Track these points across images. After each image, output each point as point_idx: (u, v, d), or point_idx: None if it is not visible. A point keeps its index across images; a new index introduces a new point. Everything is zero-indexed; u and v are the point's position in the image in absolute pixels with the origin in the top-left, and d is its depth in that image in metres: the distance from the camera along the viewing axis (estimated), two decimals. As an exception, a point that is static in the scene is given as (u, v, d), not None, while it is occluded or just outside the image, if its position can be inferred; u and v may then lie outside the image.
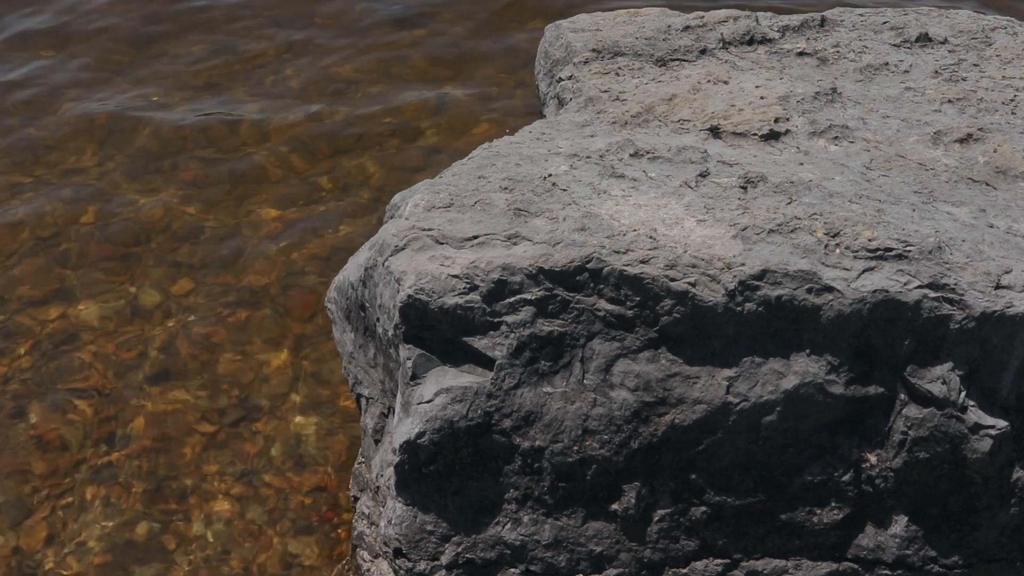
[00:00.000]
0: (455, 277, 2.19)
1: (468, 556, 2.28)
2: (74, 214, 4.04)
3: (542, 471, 2.23)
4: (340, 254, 3.80)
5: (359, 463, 2.72)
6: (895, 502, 2.24)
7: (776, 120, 2.70)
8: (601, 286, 2.18)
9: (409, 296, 2.18)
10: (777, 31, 3.21)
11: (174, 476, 3.05)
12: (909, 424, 2.18)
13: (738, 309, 2.15)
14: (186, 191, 4.18)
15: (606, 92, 2.95)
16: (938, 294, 2.13)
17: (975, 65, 3.02)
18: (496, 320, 2.19)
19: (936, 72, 2.98)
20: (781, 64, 3.05)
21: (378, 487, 2.50)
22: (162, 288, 3.70)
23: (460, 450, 2.21)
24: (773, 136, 2.66)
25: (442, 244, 2.27)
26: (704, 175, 2.43)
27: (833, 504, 2.25)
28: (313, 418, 3.23)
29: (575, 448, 2.21)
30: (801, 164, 2.53)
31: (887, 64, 3.03)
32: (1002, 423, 2.17)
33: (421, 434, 2.19)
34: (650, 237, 2.23)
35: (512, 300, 2.18)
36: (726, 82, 2.94)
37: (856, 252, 2.20)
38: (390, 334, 2.29)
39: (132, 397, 3.29)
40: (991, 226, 2.34)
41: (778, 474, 2.24)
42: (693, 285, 2.15)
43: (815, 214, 2.28)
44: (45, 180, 4.25)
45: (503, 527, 2.27)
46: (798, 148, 2.62)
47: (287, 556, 2.84)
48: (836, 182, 2.43)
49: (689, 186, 2.39)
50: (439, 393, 2.19)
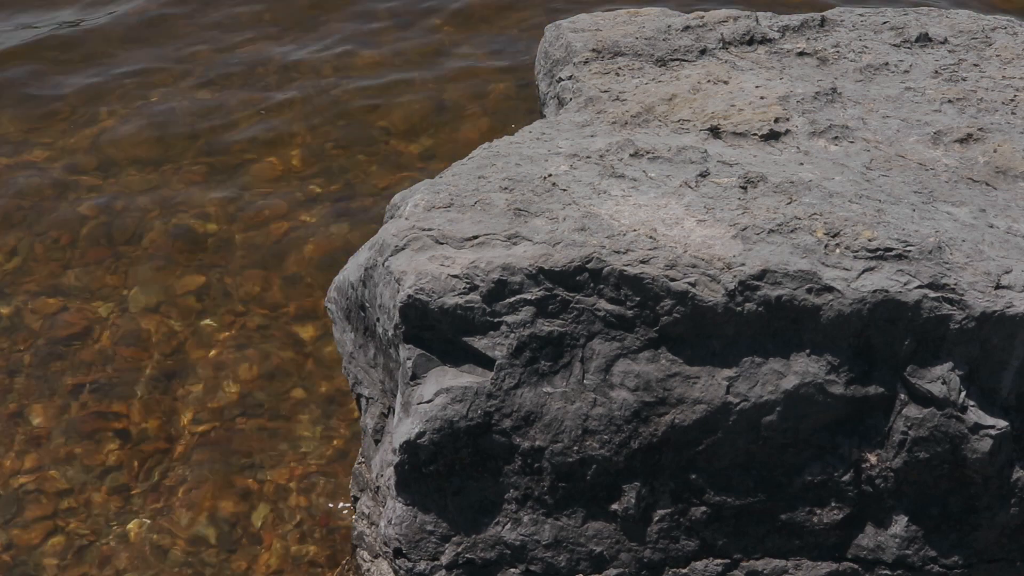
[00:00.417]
0: (455, 277, 2.19)
1: (468, 556, 2.28)
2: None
3: (542, 471, 2.23)
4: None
5: (359, 463, 2.72)
6: (895, 502, 2.24)
7: (776, 120, 2.70)
8: (601, 286, 2.18)
9: (409, 296, 2.18)
10: (777, 31, 3.21)
11: (173, 474, 3.05)
12: (909, 424, 2.18)
13: (738, 309, 2.15)
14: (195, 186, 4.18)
15: (606, 92, 2.95)
16: (938, 294, 2.13)
17: (975, 65, 3.02)
18: (496, 320, 2.19)
19: (936, 72, 2.98)
20: (781, 64, 3.05)
21: (378, 487, 2.50)
22: (163, 286, 3.70)
23: (460, 450, 2.21)
24: (773, 136, 2.66)
25: (442, 244, 2.27)
26: (704, 175, 2.43)
27: (833, 504, 2.24)
28: (313, 417, 3.22)
29: (575, 448, 2.21)
30: (801, 164, 2.53)
31: (887, 64, 3.03)
32: (1002, 423, 2.17)
33: (421, 434, 2.19)
34: (650, 237, 2.23)
35: (512, 300, 2.18)
36: (726, 82, 2.94)
37: (856, 252, 2.19)
38: (390, 334, 2.29)
39: (133, 394, 3.29)
40: (991, 226, 2.34)
41: (778, 474, 2.24)
42: (693, 285, 2.15)
43: (815, 214, 2.28)
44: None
45: (503, 527, 2.27)
46: (798, 148, 2.62)
47: (287, 556, 2.84)
48: (836, 182, 2.43)
49: (689, 186, 2.39)
50: (439, 393, 2.19)
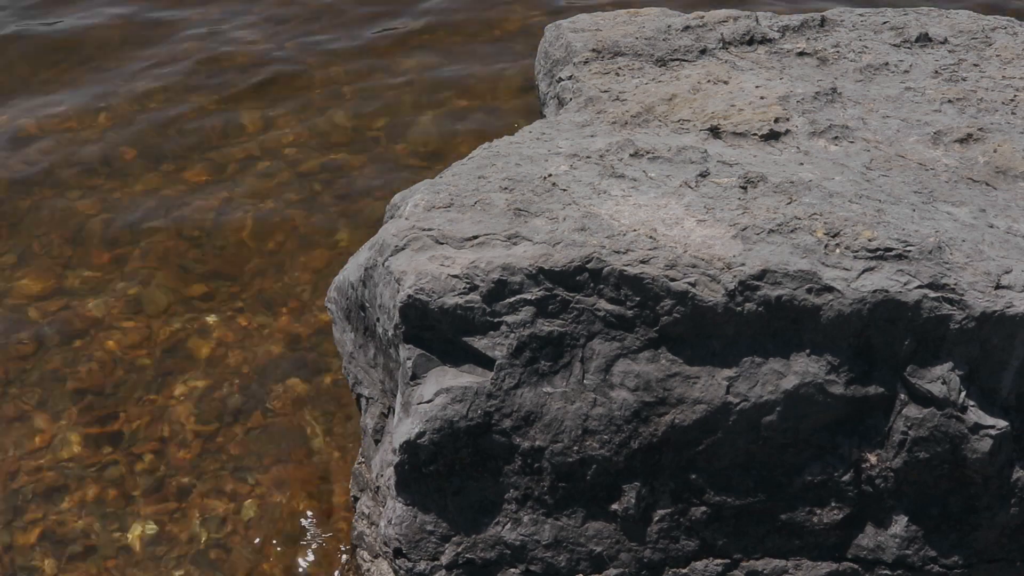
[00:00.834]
0: (455, 277, 2.19)
1: (468, 556, 2.28)
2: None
3: (542, 471, 2.23)
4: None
5: (359, 463, 2.72)
6: (895, 502, 2.24)
7: (776, 120, 2.70)
8: (601, 286, 2.18)
9: (409, 296, 2.18)
10: (777, 31, 3.21)
11: (172, 475, 3.05)
12: (909, 424, 2.18)
13: (738, 309, 2.15)
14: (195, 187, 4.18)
15: (606, 92, 2.95)
16: (938, 294, 2.13)
17: (975, 65, 3.02)
18: (496, 320, 2.19)
19: (936, 72, 2.98)
20: (781, 64, 3.05)
21: (378, 487, 2.50)
22: (163, 285, 3.70)
23: (460, 450, 2.21)
24: (773, 136, 2.66)
25: (442, 244, 2.27)
26: (704, 175, 2.43)
27: (833, 504, 2.24)
28: (313, 417, 3.22)
29: (575, 448, 2.21)
30: (801, 164, 2.53)
31: (887, 64, 3.03)
32: (1002, 423, 2.17)
33: (421, 434, 2.19)
34: (650, 237, 2.23)
35: (512, 300, 2.18)
36: (726, 82, 2.94)
37: (856, 252, 2.19)
38: (390, 334, 2.29)
39: (133, 393, 3.29)
40: (991, 226, 2.34)
41: (778, 474, 2.24)
42: (693, 285, 2.15)
43: (815, 214, 2.28)
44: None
45: (503, 527, 2.27)
46: (798, 148, 2.62)
47: (287, 556, 2.84)
48: (836, 182, 2.43)
49: (689, 186, 2.39)
50: (439, 393, 2.18)
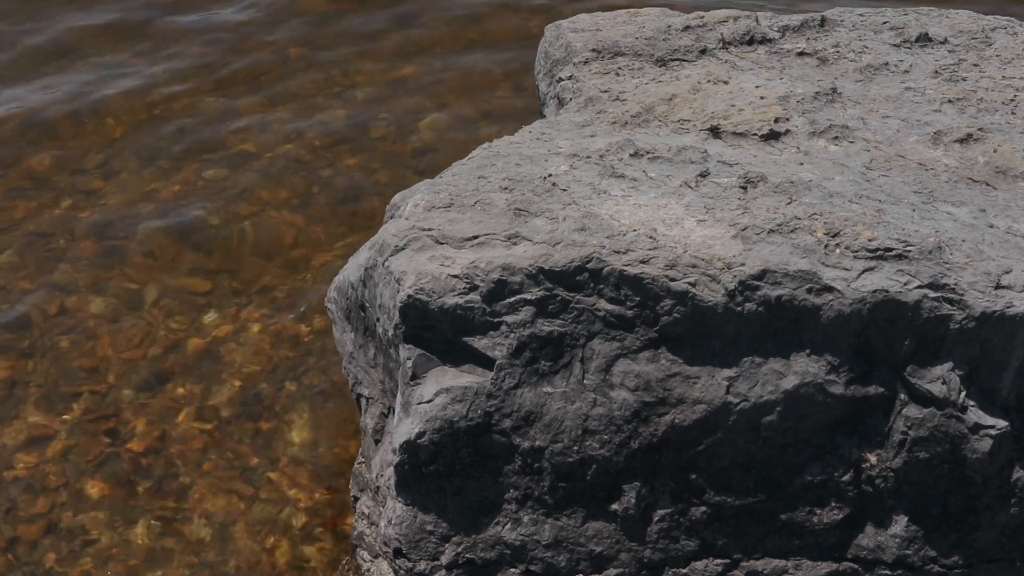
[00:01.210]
0: (455, 277, 2.19)
1: (468, 556, 2.28)
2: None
3: (542, 471, 2.23)
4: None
5: (359, 463, 2.72)
6: (895, 502, 2.24)
7: (776, 120, 2.70)
8: (601, 286, 2.18)
9: (409, 296, 2.18)
10: (777, 31, 3.20)
11: (174, 474, 3.05)
12: (909, 424, 2.18)
13: (738, 309, 2.15)
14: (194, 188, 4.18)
15: (606, 92, 2.95)
16: (938, 294, 2.13)
17: (975, 65, 3.02)
18: (496, 320, 2.19)
19: (936, 72, 2.98)
20: (781, 64, 3.05)
21: (378, 487, 2.50)
22: (162, 284, 3.70)
23: (460, 450, 2.21)
24: (773, 136, 2.66)
25: (442, 244, 2.27)
26: (704, 175, 2.43)
27: (833, 504, 2.24)
28: (313, 417, 3.22)
29: (575, 448, 2.21)
30: (801, 164, 2.53)
31: (887, 64, 3.03)
32: (1002, 423, 2.17)
33: (421, 434, 2.19)
34: (650, 237, 2.23)
35: (512, 300, 2.18)
36: (726, 82, 2.94)
37: (856, 252, 2.19)
38: (390, 334, 2.29)
39: (133, 394, 3.29)
40: (991, 226, 2.34)
41: (778, 474, 2.24)
42: (693, 285, 2.15)
43: (815, 214, 2.28)
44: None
45: (503, 527, 2.27)
46: (798, 148, 2.62)
47: (287, 556, 2.84)
48: (836, 182, 2.43)
49: (689, 186, 2.39)
50: (439, 393, 2.18)
